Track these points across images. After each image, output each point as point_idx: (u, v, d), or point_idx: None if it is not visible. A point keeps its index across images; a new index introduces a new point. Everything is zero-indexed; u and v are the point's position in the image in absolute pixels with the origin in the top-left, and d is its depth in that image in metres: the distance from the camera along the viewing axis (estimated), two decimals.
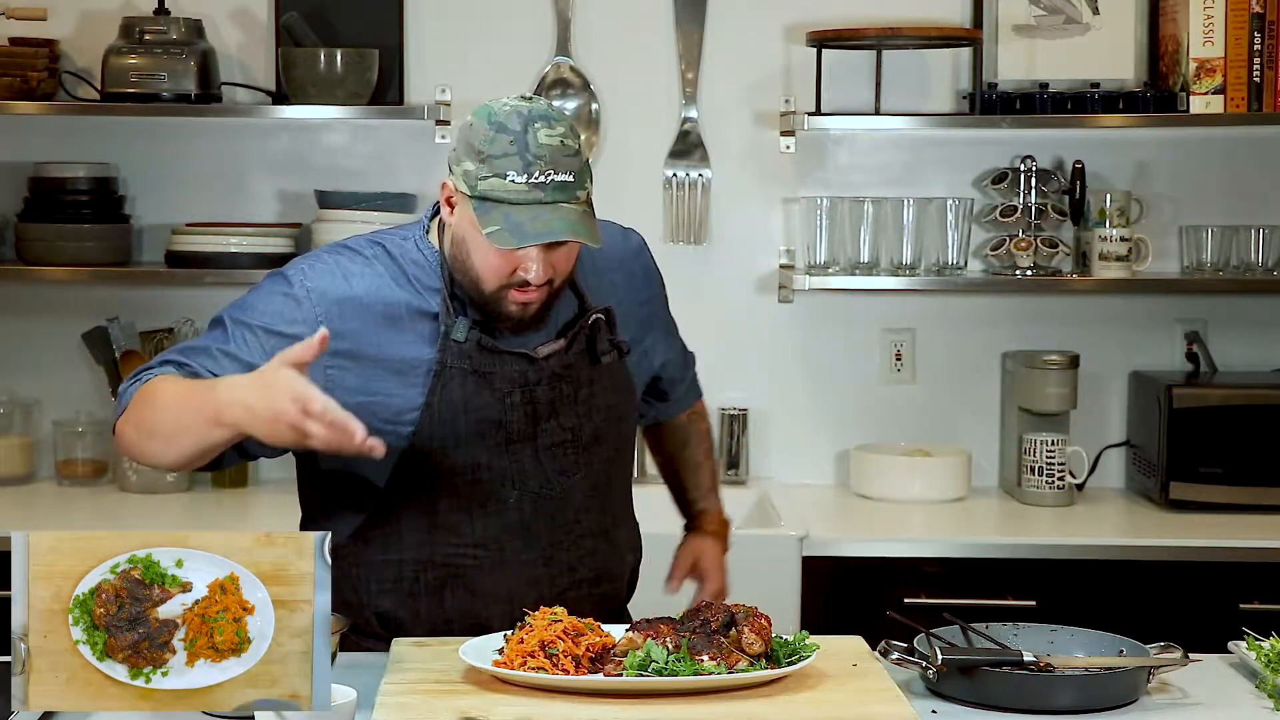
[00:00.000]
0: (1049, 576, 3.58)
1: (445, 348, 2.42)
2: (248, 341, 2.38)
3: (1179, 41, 3.89)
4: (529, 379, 2.45)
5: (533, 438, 2.47)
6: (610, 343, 2.51)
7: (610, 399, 2.53)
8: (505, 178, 2.29)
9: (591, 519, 2.54)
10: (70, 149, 4.05)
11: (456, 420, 2.43)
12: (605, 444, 2.54)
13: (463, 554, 2.48)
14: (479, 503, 2.46)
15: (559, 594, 2.50)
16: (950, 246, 3.98)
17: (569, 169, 2.32)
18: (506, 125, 2.32)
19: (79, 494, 4.00)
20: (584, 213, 2.34)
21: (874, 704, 2.20)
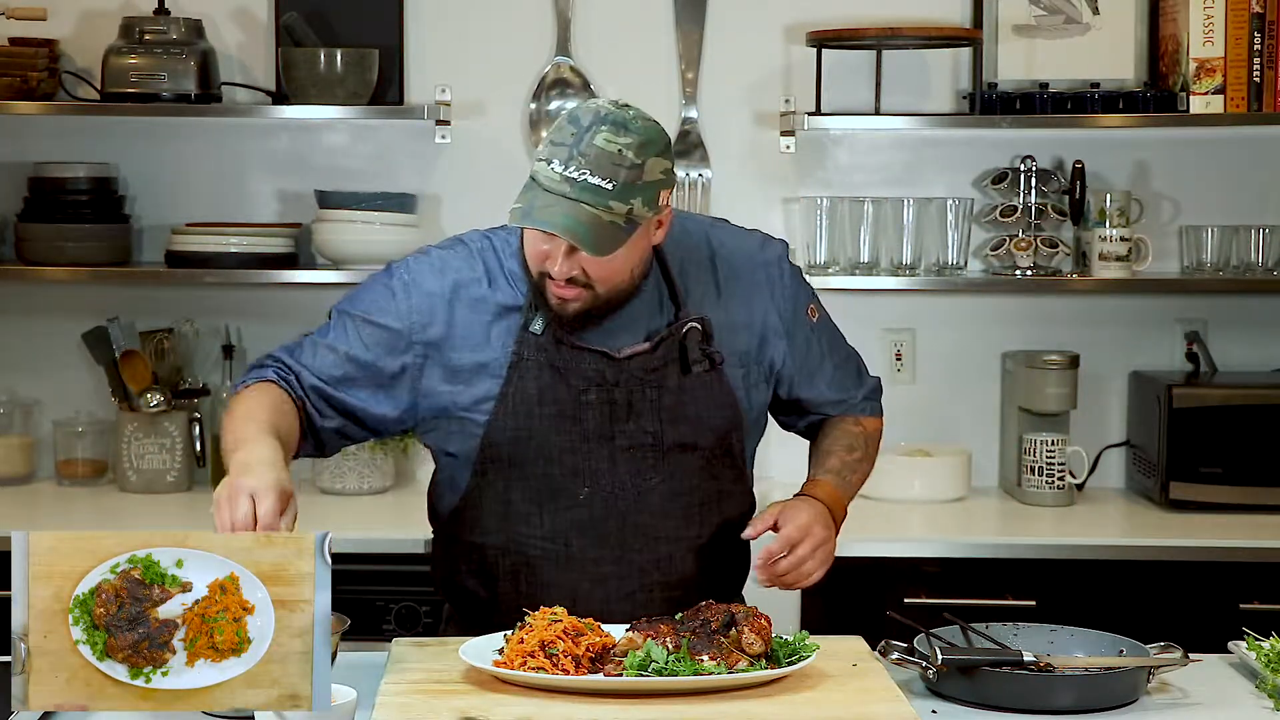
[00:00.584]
0: (1049, 576, 3.58)
1: (523, 340, 2.46)
2: (346, 330, 2.51)
3: (1179, 41, 3.89)
4: (607, 378, 2.47)
5: (610, 437, 2.48)
6: (703, 352, 2.50)
7: (702, 409, 2.52)
8: (550, 164, 2.33)
9: (671, 526, 2.53)
10: (70, 149, 4.05)
11: (531, 412, 2.47)
12: (695, 453, 2.53)
13: (532, 544, 2.52)
14: (550, 496, 2.50)
15: (626, 595, 2.51)
16: (950, 246, 3.98)
17: (611, 177, 2.31)
18: (579, 119, 2.35)
19: (79, 494, 4.00)
20: (609, 223, 2.32)
21: (874, 704, 2.20)
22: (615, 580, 2.52)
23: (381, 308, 2.50)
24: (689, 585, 2.56)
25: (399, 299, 2.50)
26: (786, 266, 2.63)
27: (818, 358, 2.66)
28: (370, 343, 2.49)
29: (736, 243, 2.61)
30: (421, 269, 2.52)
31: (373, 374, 2.49)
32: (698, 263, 2.55)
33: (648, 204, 2.35)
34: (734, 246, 2.59)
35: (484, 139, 4.08)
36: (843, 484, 2.66)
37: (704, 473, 2.55)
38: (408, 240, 3.93)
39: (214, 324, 4.09)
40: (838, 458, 2.69)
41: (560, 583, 2.51)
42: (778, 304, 2.59)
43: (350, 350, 2.49)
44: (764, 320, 2.58)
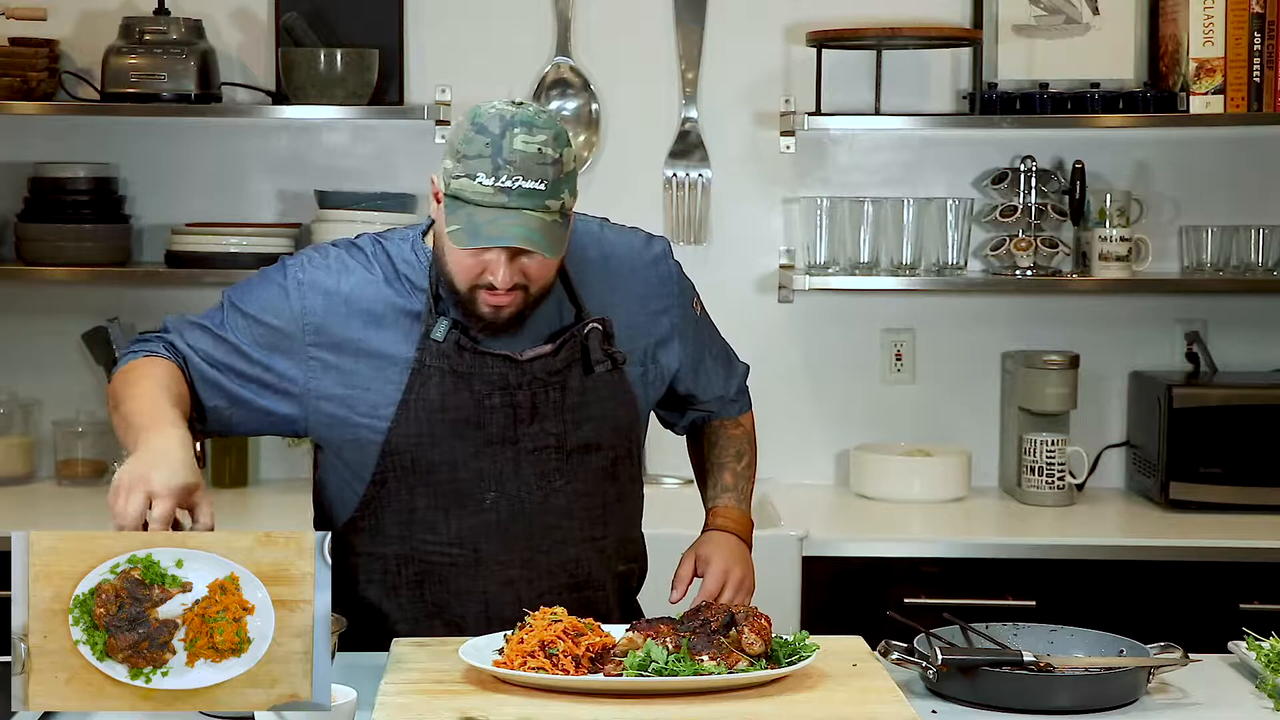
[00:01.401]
0: (1049, 576, 3.58)
1: (425, 346, 2.44)
2: (237, 326, 2.48)
3: (1179, 41, 3.89)
4: (510, 382, 2.45)
5: (514, 440, 2.47)
6: (605, 353, 2.49)
7: (605, 409, 2.52)
8: (475, 179, 2.30)
9: (577, 526, 2.54)
10: (70, 149, 4.05)
11: (433, 418, 2.45)
12: (598, 453, 2.53)
13: (439, 551, 2.50)
14: (456, 502, 2.48)
15: (536, 597, 2.50)
16: (950, 246, 3.98)
17: (540, 177, 2.30)
18: (486, 127, 2.32)
19: (79, 494, 4.00)
20: (551, 222, 2.32)
21: (874, 704, 2.20)
22: (524, 583, 2.51)
23: (275, 308, 2.47)
24: (595, 584, 2.57)
25: (292, 299, 2.47)
26: (673, 264, 2.63)
27: (703, 351, 2.68)
28: (261, 342, 2.46)
29: (624, 242, 2.60)
30: (317, 269, 2.49)
31: (260, 373, 2.47)
32: (591, 263, 2.54)
33: (572, 194, 2.36)
34: (622, 247, 2.59)
35: None
36: (742, 498, 2.73)
37: (606, 473, 2.56)
38: None
39: None
40: (730, 471, 2.75)
41: (469, 589, 2.50)
42: (668, 303, 2.60)
43: (240, 345, 2.46)
44: (658, 320, 2.59)
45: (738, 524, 2.69)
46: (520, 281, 2.37)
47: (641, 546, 2.70)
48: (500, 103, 2.36)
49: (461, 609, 2.51)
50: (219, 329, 2.48)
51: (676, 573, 2.65)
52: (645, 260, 2.60)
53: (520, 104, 2.36)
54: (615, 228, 2.63)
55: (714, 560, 2.62)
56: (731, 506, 2.71)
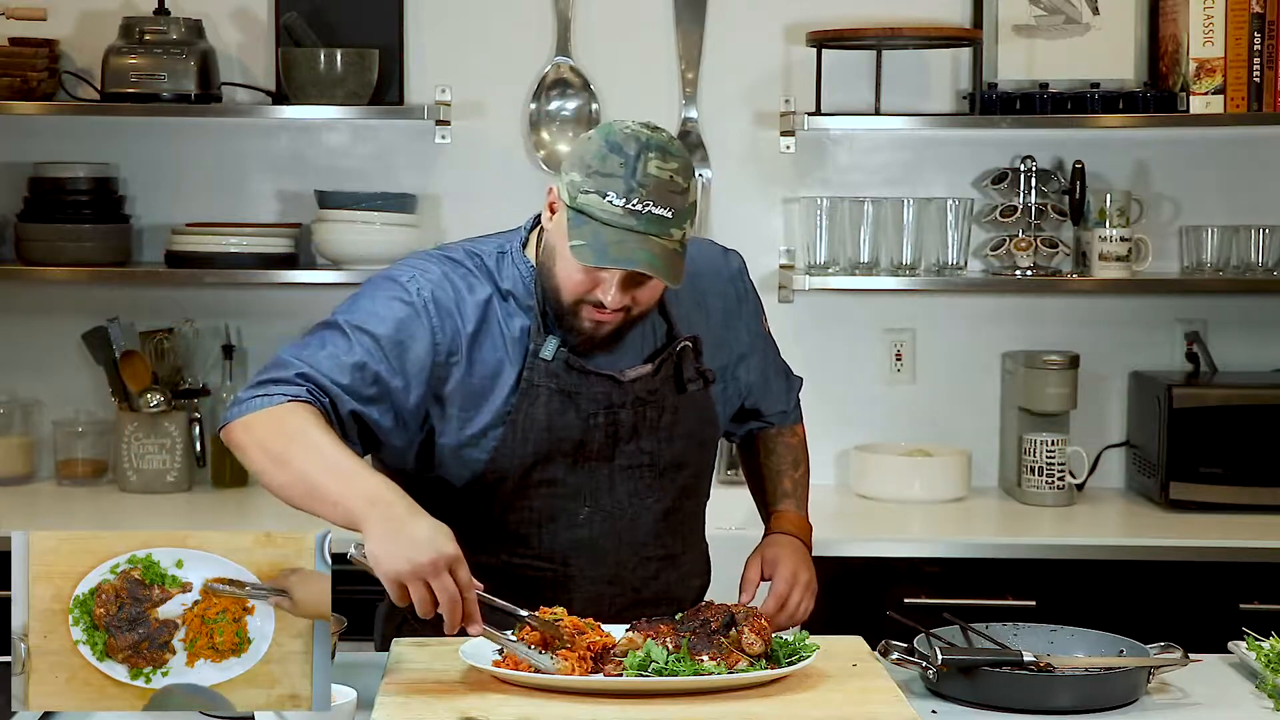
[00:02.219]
0: (1049, 576, 3.58)
1: (533, 366, 2.43)
2: (371, 351, 2.38)
3: (1179, 41, 3.89)
4: (614, 401, 2.47)
5: (610, 458, 2.49)
6: (697, 370, 2.52)
7: (692, 426, 2.54)
8: (605, 196, 2.29)
9: (661, 543, 2.55)
10: (70, 149, 4.05)
11: (540, 438, 2.45)
12: (684, 470, 2.55)
13: (527, 565, 2.50)
14: (550, 516, 2.49)
15: (618, 612, 2.50)
16: (950, 246, 3.98)
17: (670, 205, 2.29)
18: (622, 147, 2.30)
19: (79, 494, 4.00)
20: (673, 251, 2.32)
21: (874, 704, 2.20)
22: (607, 600, 2.52)
23: (409, 329, 2.40)
24: (671, 600, 2.57)
25: (423, 318, 2.41)
26: (749, 281, 2.66)
27: (771, 369, 2.72)
28: (395, 368, 2.38)
29: (704, 255, 2.60)
30: (435, 285, 2.43)
31: (394, 399, 2.40)
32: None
33: (692, 224, 2.36)
34: (703, 261, 2.58)
35: (484, 139, 4.08)
36: (801, 504, 2.77)
37: (688, 490, 2.58)
38: (408, 240, 3.94)
39: (214, 324, 4.09)
40: (789, 478, 2.78)
41: (552, 602, 2.46)
42: (746, 320, 2.64)
43: (380, 371, 2.37)
44: (737, 337, 2.62)
45: (799, 528, 2.73)
46: (628, 305, 2.36)
47: (708, 559, 2.71)
48: (634, 123, 2.35)
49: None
50: (353, 358, 2.37)
51: (744, 575, 2.65)
52: (725, 276, 2.63)
53: (656, 128, 2.34)
54: (695, 242, 2.56)
55: (782, 563, 2.64)
56: (792, 511, 2.74)
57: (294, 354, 2.39)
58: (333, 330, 2.40)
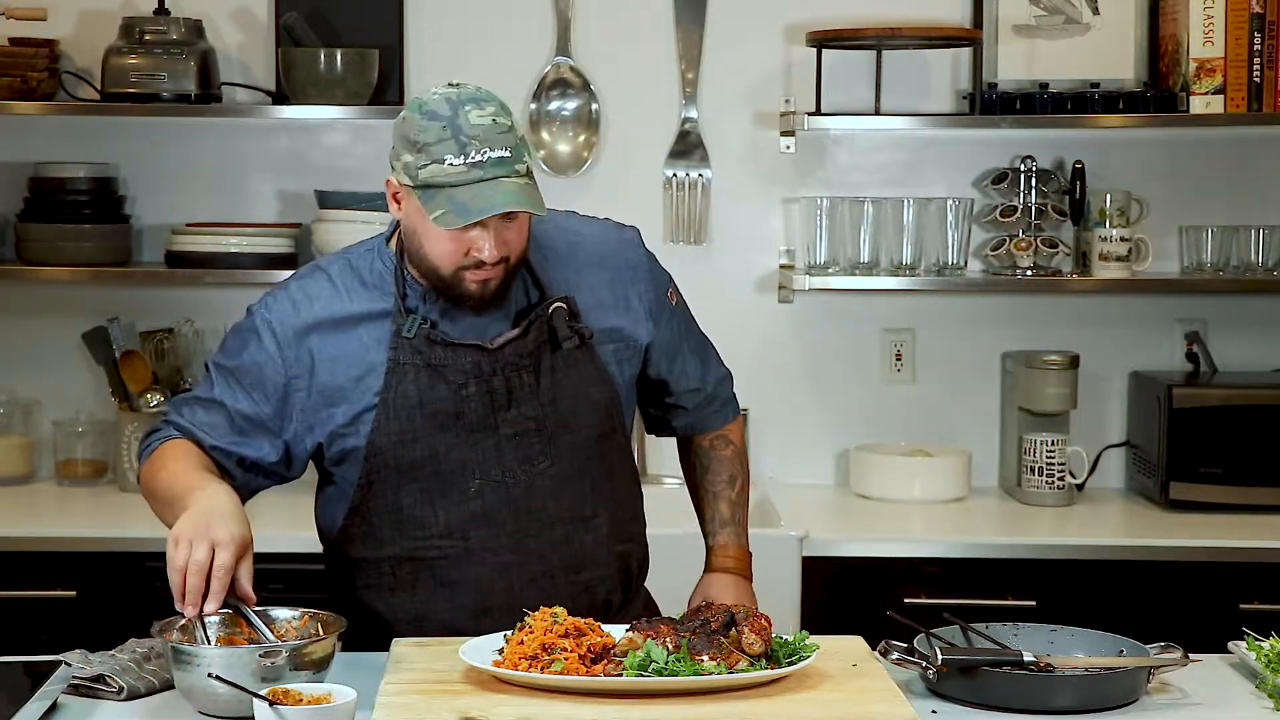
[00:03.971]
0: (1049, 576, 3.58)
1: (397, 345, 2.48)
2: (229, 385, 2.52)
3: (1179, 41, 3.89)
4: (484, 369, 2.49)
5: (494, 427, 2.50)
6: (571, 329, 2.52)
7: (578, 387, 2.54)
8: (443, 162, 2.34)
9: (563, 507, 2.54)
10: (70, 149, 4.05)
11: (413, 414, 2.48)
12: (576, 432, 2.54)
13: (429, 545, 2.52)
14: (440, 493, 2.51)
15: (530, 581, 2.52)
16: (950, 246, 3.98)
17: (504, 144, 2.35)
18: (437, 112, 2.36)
19: (79, 494, 4.00)
20: (525, 184, 2.37)
21: (874, 704, 2.20)
22: (516, 568, 2.53)
23: (252, 356, 2.52)
24: (593, 565, 2.57)
25: (265, 339, 2.51)
26: (643, 251, 2.65)
27: (679, 338, 2.68)
28: (252, 392, 2.51)
29: (591, 229, 2.65)
30: (281, 304, 2.53)
31: (260, 423, 2.52)
32: (555, 249, 2.57)
33: (531, 157, 2.42)
34: (589, 233, 2.63)
35: None
36: (740, 530, 2.74)
37: (590, 452, 2.57)
38: None
39: (214, 324, 4.09)
40: (725, 500, 2.75)
41: (461, 579, 2.52)
42: (639, 286, 2.62)
43: (235, 405, 2.52)
44: (628, 301, 2.60)
45: (738, 561, 2.72)
46: (504, 254, 2.41)
47: (640, 529, 2.70)
48: (437, 89, 2.41)
49: (455, 601, 2.52)
50: (213, 396, 2.53)
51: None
52: (613, 245, 2.63)
53: (456, 85, 2.41)
54: (583, 217, 2.67)
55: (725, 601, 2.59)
56: (730, 544, 2.73)
57: (175, 399, 2.62)
58: (206, 375, 2.58)
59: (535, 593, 2.51)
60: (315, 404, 2.50)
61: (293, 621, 2.39)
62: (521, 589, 2.50)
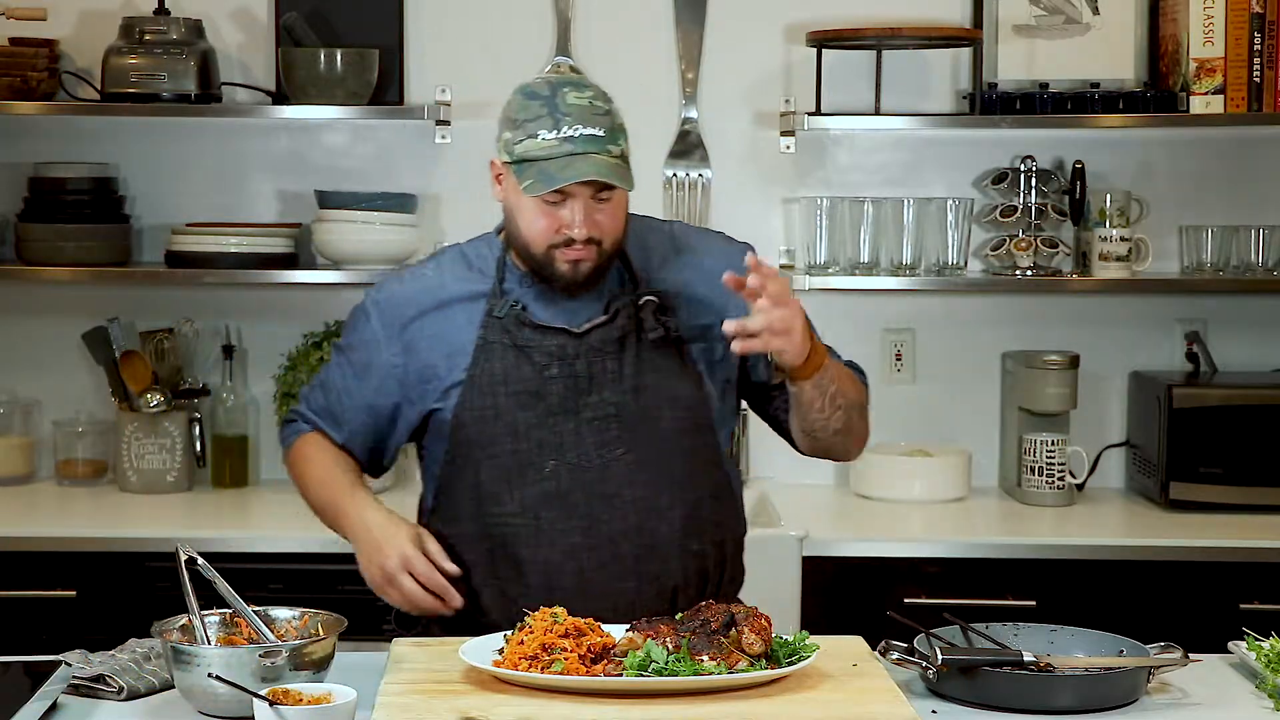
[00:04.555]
0: (1049, 576, 3.58)
1: (487, 324, 2.57)
2: (343, 365, 2.68)
3: (1179, 41, 3.89)
4: (568, 353, 2.55)
5: (575, 411, 2.55)
6: (658, 321, 2.56)
7: (663, 380, 2.56)
8: (537, 137, 2.44)
9: (636, 495, 2.55)
10: (70, 149, 4.05)
11: (496, 391, 2.56)
12: (656, 423, 2.56)
13: (503, 522, 2.57)
14: (517, 471, 2.56)
15: (598, 566, 2.54)
16: (950, 246, 3.98)
17: (598, 125, 2.45)
18: (537, 92, 2.48)
19: (79, 494, 4.00)
20: (616, 164, 2.45)
21: (874, 704, 2.20)
22: (586, 551, 2.54)
23: (363, 335, 2.65)
24: (661, 558, 2.56)
25: (373, 318, 2.64)
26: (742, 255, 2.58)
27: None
28: (361, 371, 2.64)
29: (698, 236, 2.74)
30: (390, 287, 2.67)
31: (369, 401, 2.65)
32: (657, 248, 2.63)
33: (627, 143, 2.51)
34: (696, 238, 2.71)
35: (484, 139, 4.02)
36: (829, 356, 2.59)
37: (672, 445, 2.57)
38: (408, 240, 3.94)
39: (214, 324, 4.09)
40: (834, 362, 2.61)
41: (532, 558, 2.55)
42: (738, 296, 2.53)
43: (346, 383, 2.66)
44: (725, 304, 2.56)
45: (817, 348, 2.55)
46: (594, 235, 2.48)
47: (727, 536, 2.65)
48: (536, 77, 2.52)
49: (525, 580, 2.55)
50: (332, 380, 2.69)
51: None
52: (718, 252, 2.64)
53: (562, 71, 2.47)
54: (695, 226, 2.78)
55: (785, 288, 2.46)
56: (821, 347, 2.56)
57: (304, 389, 2.77)
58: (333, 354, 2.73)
59: (604, 578, 2.54)
60: (413, 380, 2.60)
61: (293, 621, 2.39)
62: (590, 573, 2.54)
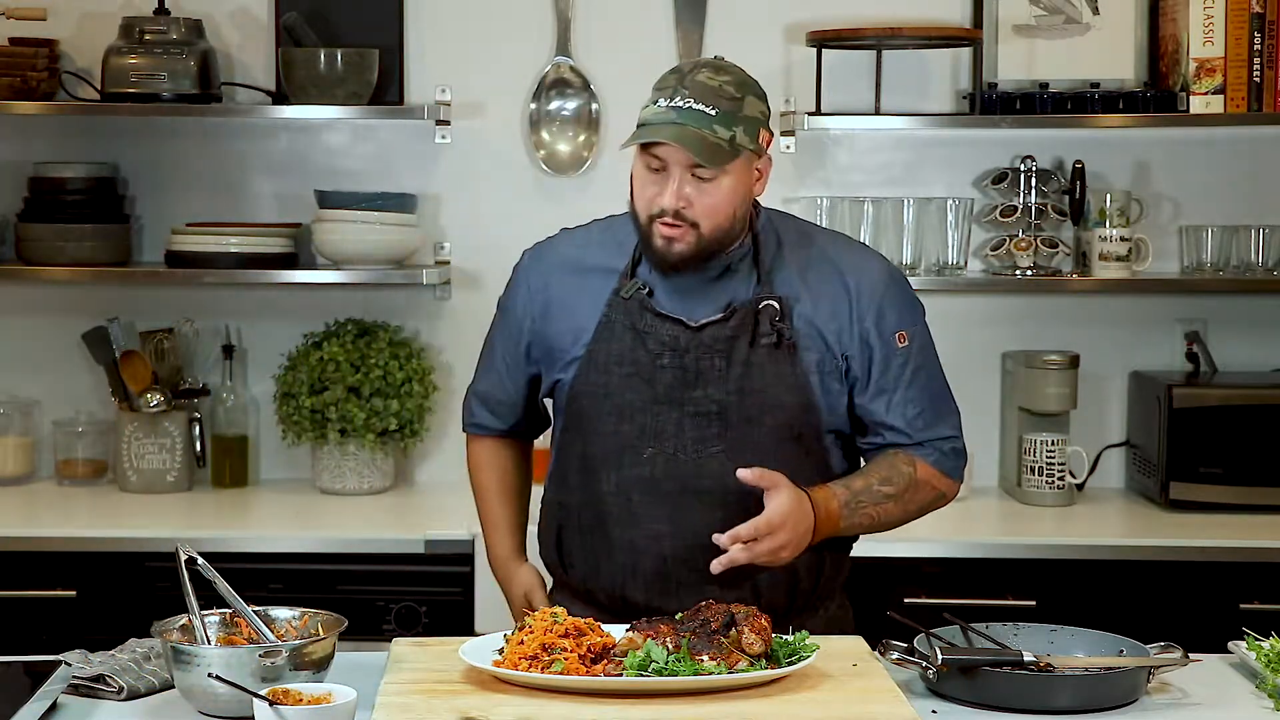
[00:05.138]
0: (1049, 576, 3.58)
1: (613, 303, 2.61)
2: (502, 325, 2.75)
3: (1179, 41, 3.89)
4: (680, 344, 2.57)
5: (680, 403, 2.57)
6: (773, 326, 2.56)
7: (770, 384, 2.56)
8: (656, 104, 2.50)
9: (728, 492, 2.54)
10: (70, 149, 4.05)
11: (610, 370, 2.60)
12: (758, 425, 2.56)
13: (601, 498, 2.61)
14: (618, 452, 2.59)
15: (681, 559, 2.55)
16: (950, 246, 3.98)
17: (713, 104, 2.46)
18: (681, 69, 2.53)
19: (79, 494, 4.00)
20: (714, 143, 2.46)
21: (874, 704, 2.20)
22: (669, 539, 2.57)
23: (513, 292, 2.73)
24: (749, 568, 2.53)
25: (519, 276, 2.72)
26: (887, 281, 2.62)
27: (896, 381, 2.61)
28: (511, 330, 2.72)
29: (841, 246, 2.69)
30: (543, 246, 2.73)
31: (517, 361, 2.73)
32: (795, 251, 2.62)
33: (749, 135, 2.49)
34: (837, 247, 2.67)
35: (484, 139, 4.08)
36: (851, 505, 2.58)
37: (770, 451, 2.56)
38: (407, 240, 3.94)
39: (214, 324, 4.09)
40: (864, 481, 2.60)
41: (619, 538, 2.59)
42: (859, 310, 2.59)
43: (505, 345, 2.73)
44: (842, 319, 2.58)
45: (825, 510, 2.54)
46: (687, 214, 2.49)
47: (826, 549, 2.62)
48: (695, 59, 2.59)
49: (612, 558, 2.60)
50: (489, 343, 2.77)
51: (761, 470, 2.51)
52: (855, 263, 2.63)
53: (721, 58, 2.56)
54: (842, 238, 2.74)
55: (780, 507, 2.47)
56: (837, 497, 2.56)
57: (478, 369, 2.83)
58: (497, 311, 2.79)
59: (685, 570, 2.55)
60: (544, 348, 2.67)
61: (293, 621, 2.39)
62: (672, 561, 2.56)
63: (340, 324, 4.02)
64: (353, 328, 3.99)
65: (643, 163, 2.51)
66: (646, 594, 2.57)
